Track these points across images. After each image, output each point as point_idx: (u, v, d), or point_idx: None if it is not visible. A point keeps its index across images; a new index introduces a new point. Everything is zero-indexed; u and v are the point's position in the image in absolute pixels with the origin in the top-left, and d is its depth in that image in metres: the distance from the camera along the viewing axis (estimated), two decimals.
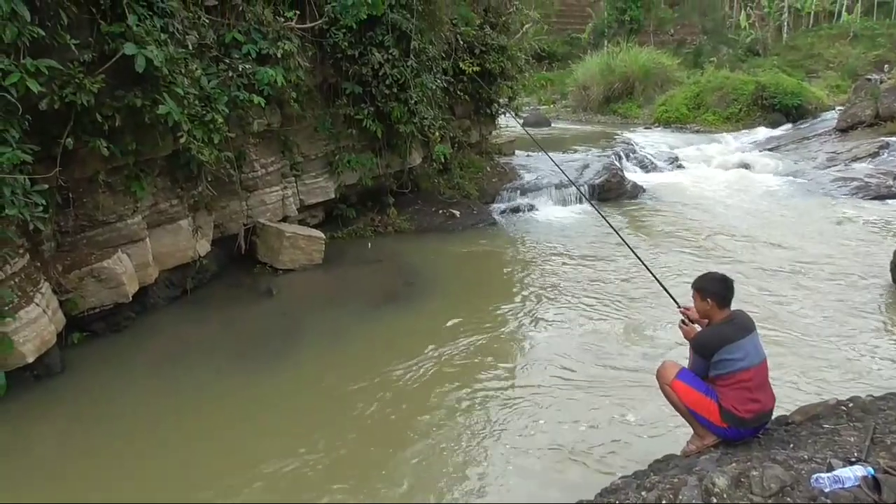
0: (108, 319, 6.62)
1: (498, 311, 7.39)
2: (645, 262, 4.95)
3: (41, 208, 5.30)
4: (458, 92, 11.92)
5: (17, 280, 5.47)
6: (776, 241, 10.15)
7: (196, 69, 6.61)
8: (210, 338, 6.83)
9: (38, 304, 5.54)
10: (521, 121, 19.73)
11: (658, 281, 4.62)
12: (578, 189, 12.12)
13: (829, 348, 6.32)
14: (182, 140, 6.42)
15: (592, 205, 6.20)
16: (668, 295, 4.44)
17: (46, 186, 5.47)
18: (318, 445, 4.82)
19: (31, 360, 5.36)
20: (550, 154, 15.23)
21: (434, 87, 10.25)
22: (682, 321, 4.19)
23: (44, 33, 5.15)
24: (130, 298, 6.60)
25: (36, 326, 5.43)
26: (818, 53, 33.79)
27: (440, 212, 11.21)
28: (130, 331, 6.79)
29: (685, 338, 4.14)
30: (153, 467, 4.66)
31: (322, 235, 9.07)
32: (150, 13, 5.99)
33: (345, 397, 5.51)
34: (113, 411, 5.40)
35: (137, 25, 5.74)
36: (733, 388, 3.77)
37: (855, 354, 6.19)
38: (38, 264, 5.96)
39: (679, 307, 4.28)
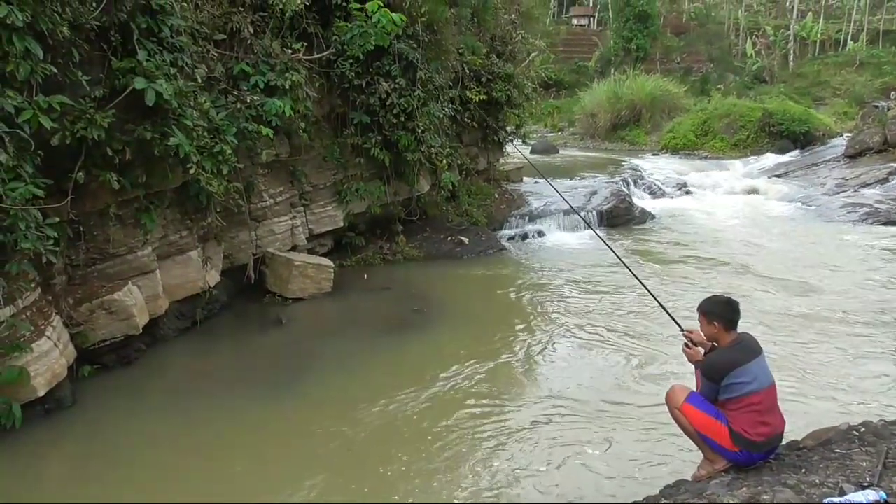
0: (118, 352, 6.62)
1: (506, 340, 7.36)
2: (648, 288, 4.93)
3: (53, 241, 5.36)
4: (466, 120, 12.05)
5: (29, 314, 5.50)
6: (785, 267, 10.10)
7: (205, 101, 6.72)
8: (220, 369, 6.83)
9: (49, 338, 5.55)
10: (529, 148, 19.91)
11: (661, 305, 4.59)
12: (580, 216, 12.11)
13: (840, 374, 6.24)
14: (191, 171, 6.50)
15: (596, 233, 6.24)
16: (672, 320, 4.42)
17: (58, 220, 5.54)
18: (328, 476, 4.78)
19: (42, 393, 5.35)
20: (555, 181, 15.33)
21: (441, 115, 10.36)
22: (686, 344, 4.17)
23: (56, 70, 5.26)
24: (141, 330, 6.61)
25: (47, 360, 5.43)
26: (825, 81, 34.02)
27: (449, 239, 11.24)
28: (141, 363, 6.78)
29: (689, 361, 4.12)
30: (164, 498, 4.63)
31: (331, 264, 9.11)
32: (160, 48, 6.11)
33: (354, 427, 5.46)
34: (124, 444, 5.36)
35: (147, 60, 5.86)
36: (743, 412, 3.73)
37: (867, 380, 6.10)
38: (50, 298, 6.00)
39: (682, 330, 4.26)
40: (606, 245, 5.34)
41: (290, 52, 8.22)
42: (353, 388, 6.24)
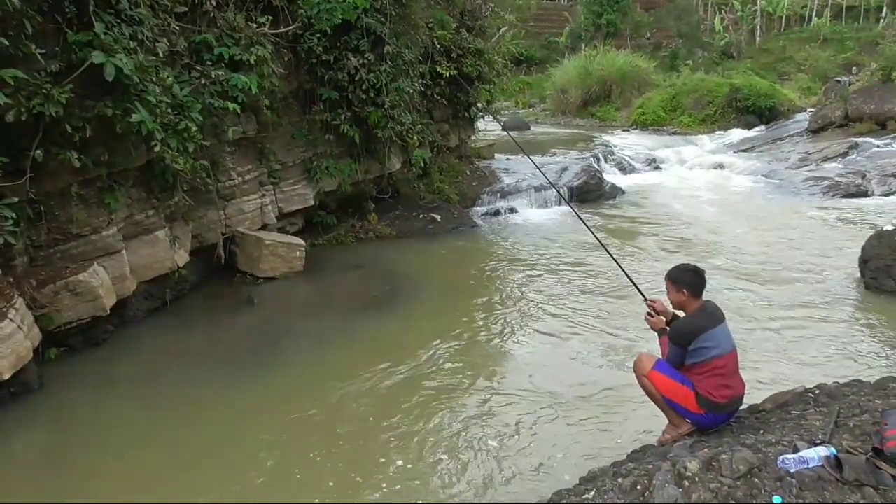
0: (85, 334, 6.52)
1: (479, 316, 7.42)
2: (616, 258, 5.02)
3: (12, 222, 5.27)
4: (436, 96, 11.98)
5: None
6: (749, 238, 10.32)
7: (167, 77, 6.58)
8: (191, 349, 6.78)
9: (12, 320, 5.44)
10: (501, 124, 19.87)
11: (627, 275, 4.68)
12: (559, 192, 12.22)
13: (799, 340, 6.45)
14: (156, 149, 6.37)
15: (571, 207, 6.29)
16: (637, 290, 4.50)
17: (17, 200, 5.43)
18: (302, 453, 4.79)
19: (6, 377, 5.24)
20: (526, 158, 15.38)
21: (411, 91, 10.29)
22: (649, 313, 4.26)
23: (7, 43, 5.11)
24: (108, 312, 6.50)
25: (11, 342, 5.32)
26: (790, 56, 34.43)
27: (421, 216, 11.24)
28: (109, 344, 6.70)
29: (652, 329, 4.24)
30: (135, 481, 4.60)
31: (302, 243, 9.05)
32: (118, 21, 5.95)
33: (326, 405, 5.48)
34: (93, 427, 5.31)
35: (105, 34, 5.69)
36: (708, 376, 3.86)
37: (824, 346, 6.31)
38: (11, 279, 5.86)
39: (646, 300, 4.34)
40: (580, 219, 5.40)
41: (254, 25, 8.06)
42: (324, 367, 6.24)
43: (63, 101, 5.47)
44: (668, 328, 4.20)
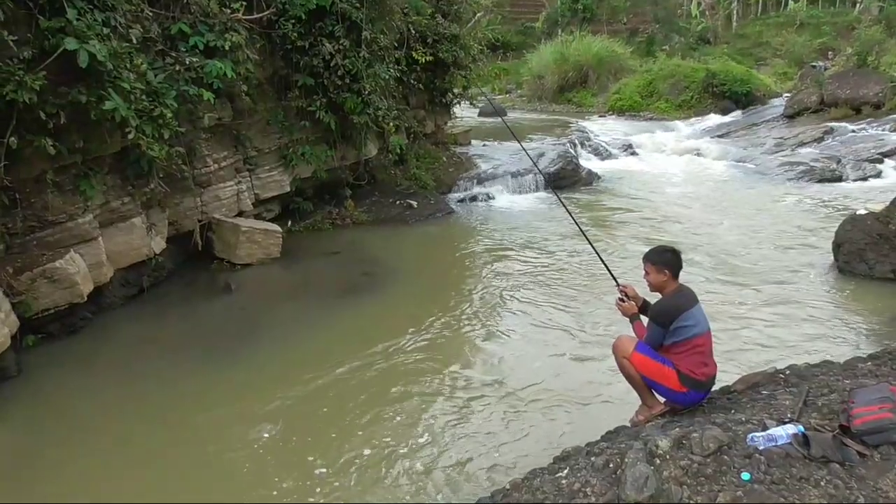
0: (63, 320, 6.51)
1: (455, 302, 7.48)
2: (592, 244, 5.09)
3: None
4: (412, 82, 11.97)
5: None
6: (724, 223, 10.50)
7: (141, 63, 6.51)
8: (169, 336, 6.77)
9: None
10: (477, 111, 19.88)
11: (602, 260, 4.75)
12: (545, 178, 12.26)
13: (772, 323, 6.60)
14: (131, 136, 6.33)
15: (555, 193, 6.39)
16: (610, 275, 4.58)
17: None
18: (275, 438, 4.84)
19: None
20: (503, 144, 15.41)
21: (387, 77, 10.26)
22: (620, 298, 4.34)
23: None
24: (85, 298, 6.49)
25: None
26: (766, 41, 34.67)
27: (397, 203, 11.26)
28: (87, 331, 6.69)
29: (623, 314, 4.31)
30: (113, 467, 4.63)
31: (279, 229, 9.04)
32: (91, 7, 5.88)
33: (303, 390, 5.53)
34: (72, 413, 5.34)
35: (78, 20, 5.63)
36: (689, 354, 3.96)
37: (796, 328, 6.48)
38: None
39: (618, 285, 4.42)
40: (563, 205, 5.46)
41: (228, 11, 7.98)
42: (301, 353, 6.28)
43: (36, 87, 5.42)
44: (639, 313, 4.30)
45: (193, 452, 4.73)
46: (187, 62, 7.33)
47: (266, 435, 4.85)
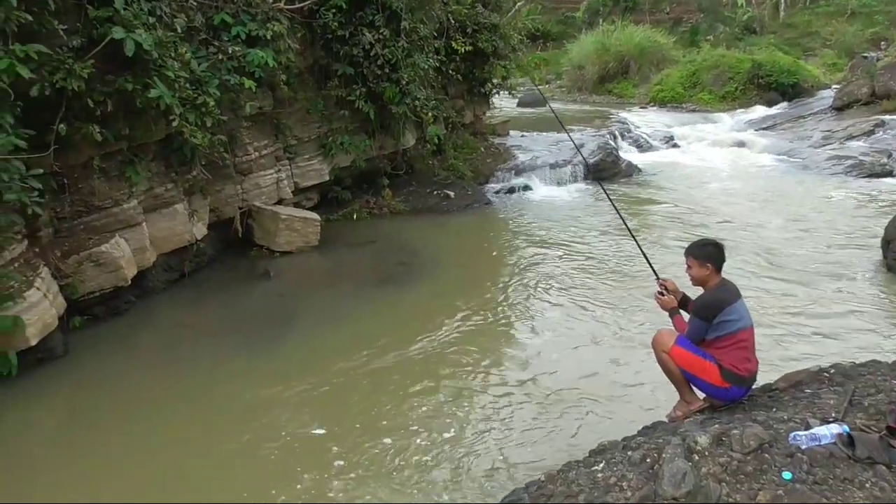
0: (108, 303, 6.69)
1: (491, 293, 7.46)
2: (635, 237, 5.01)
3: (38, 193, 5.40)
4: (451, 72, 11.94)
5: (16, 265, 5.53)
6: (769, 218, 10.23)
7: (186, 52, 6.64)
8: (208, 320, 6.91)
9: (38, 289, 5.59)
10: (516, 101, 19.75)
11: (643, 253, 4.67)
12: (590, 169, 12.06)
13: (817, 320, 6.43)
14: (174, 124, 6.46)
15: (601, 185, 6.29)
16: (650, 268, 4.50)
17: (41, 171, 5.53)
18: (314, 424, 4.91)
19: (34, 342, 5.42)
20: (542, 135, 15.26)
21: (426, 66, 10.26)
22: (660, 292, 4.27)
23: (31, 18, 5.17)
24: (129, 282, 6.66)
25: (37, 310, 5.48)
26: (815, 31, 33.62)
27: (434, 193, 11.26)
28: (130, 314, 6.86)
29: (663, 308, 4.24)
30: (153, 443, 4.75)
31: (317, 217, 9.13)
32: None
33: (339, 377, 5.59)
34: (116, 392, 5.49)
35: (125, 9, 5.76)
36: (732, 349, 3.88)
37: (842, 326, 6.29)
38: (37, 250, 6.02)
39: (658, 278, 4.35)
40: (607, 196, 5.39)
41: (270, 0, 8.07)
42: (336, 341, 6.34)
43: (85, 75, 5.56)
44: (678, 308, 4.23)
45: (224, 439, 4.81)
46: (230, 51, 7.44)
47: (296, 422, 4.92)
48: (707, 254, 4.03)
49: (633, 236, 5.00)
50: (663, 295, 4.25)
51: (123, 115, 6.25)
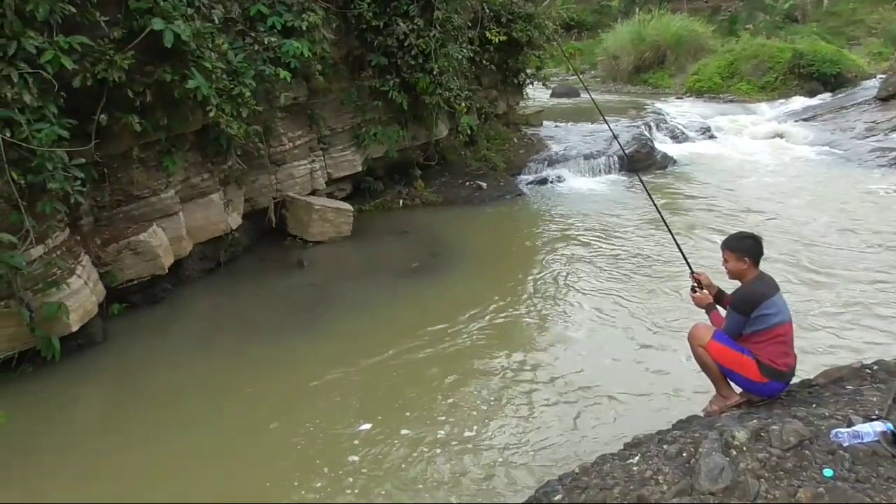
0: (145, 291, 6.83)
1: (522, 286, 7.42)
2: (671, 229, 4.92)
3: (80, 182, 5.53)
4: (485, 62, 11.86)
5: (58, 253, 5.67)
6: (809, 211, 9.98)
7: (222, 43, 6.71)
8: (244, 308, 7.01)
9: (79, 276, 5.74)
10: (549, 91, 19.57)
11: (678, 246, 4.57)
12: (628, 160, 11.89)
13: (859, 316, 6.26)
14: (211, 114, 6.54)
15: (639, 177, 6.20)
16: (686, 262, 4.42)
17: (83, 161, 5.66)
18: (349, 412, 4.96)
19: (75, 328, 5.57)
20: (576, 125, 15.10)
21: (460, 57, 10.22)
22: (693, 287, 4.20)
23: (74, 10, 5.28)
24: (166, 271, 6.79)
25: (79, 297, 5.63)
26: (860, 19, 32.57)
27: (467, 184, 11.23)
28: (167, 302, 6.99)
29: (698, 306, 4.17)
30: (191, 426, 4.88)
31: (350, 208, 9.19)
32: None
33: (372, 366, 5.63)
34: (154, 377, 5.62)
35: (164, 1, 5.83)
36: (770, 343, 3.81)
37: (885, 323, 6.11)
38: (78, 238, 6.17)
39: (692, 272, 4.27)
40: (644, 188, 5.29)
41: None
42: (368, 331, 6.38)
43: (125, 66, 5.67)
44: (714, 304, 4.15)
45: (257, 424, 4.88)
46: (266, 42, 7.50)
47: (328, 412, 4.97)
48: (745, 247, 3.95)
49: (668, 229, 4.92)
50: (697, 291, 4.18)
51: (162, 105, 6.34)
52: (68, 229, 5.96)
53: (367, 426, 4.72)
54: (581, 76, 21.68)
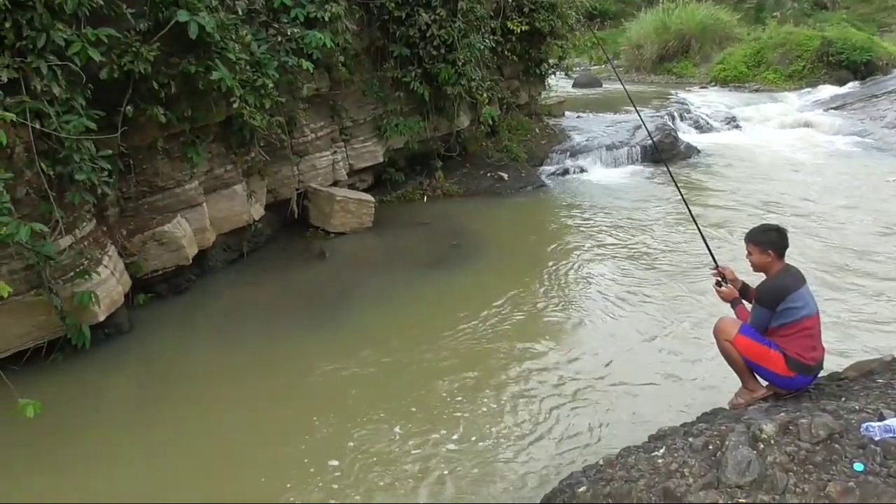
0: (170, 281, 6.90)
1: (544, 277, 7.38)
2: (697, 222, 4.84)
3: (107, 173, 5.59)
4: (507, 52, 11.78)
5: (86, 243, 5.75)
6: (838, 203, 9.81)
7: (246, 35, 6.73)
8: (267, 299, 7.05)
9: (106, 267, 5.81)
10: (572, 81, 19.41)
11: (704, 239, 4.49)
12: (656, 148, 11.83)
13: (886, 308, 6.17)
14: (235, 106, 6.57)
15: (666, 167, 6.17)
16: (710, 256, 4.36)
17: (110, 153, 5.73)
18: (372, 403, 4.98)
19: (102, 318, 5.65)
20: (598, 115, 14.96)
21: (482, 47, 10.17)
22: (718, 282, 4.14)
23: (102, 2, 5.33)
24: (191, 261, 6.86)
25: (106, 287, 5.71)
26: (892, 6, 31.79)
27: (488, 175, 11.18)
28: (192, 292, 7.06)
29: (724, 300, 4.12)
30: (215, 413, 4.95)
31: (372, 199, 9.20)
32: None
33: (395, 358, 5.64)
34: (178, 364, 5.71)
35: None
36: (797, 337, 3.76)
37: None
38: (104, 229, 6.25)
39: (716, 266, 4.21)
40: (673, 181, 5.24)
41: None
42: (389, 322, 6.40)
43: (151, 58, 5.70)
44: (740, 298, 4.10)
45: (278, 415, 4.94)
46: (288, 33, 7.51)
47: (350, 402, 5.02)
48: (769, 240, 3.89)
49: (695, 222, 4.83)
50: (721, 286, 4.12)
51: (186, 97, 6.37)
52: (95, 220, 6.03)
53: (396, 429, 4.72)
54: (611, 65, 21.49)
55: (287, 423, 4.79)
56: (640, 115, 6.94)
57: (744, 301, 4.09)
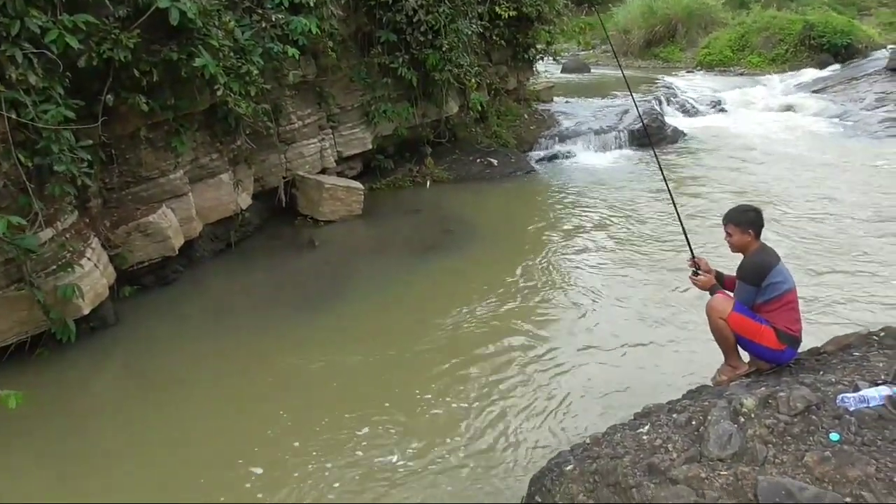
0: (156, 273, 6.84)
1: (534, 261, 7.42)
2: (678, 210, 4.85)
3: (87, 164, 5.52)
4: (495, 37, 11.74)
5: (68, 235, 5.65)
6: (819, 183, 9.92)
7: (229, 21, 6.66)
8: (256, 289, 7.03)
9: (89, 259, 5.73)
10: (560, 67, 19.36)
11: (683, 228, 4.50)
12: (647, 134, 11.82)
13: (867, 285, 6.25)
14: (219, 93, 6.51)
15: (654, 150, 6.21)
16: (688, 246, 4.38)
17: (90, 143, 5.66)
18: (362, 390, 5.01)
19: (86, 311, 5.57)
20: (586, 100, 14.96)
21: (469, 32, 10.13)
22: (694, 272, 4.18)
23: None
24: (177, 252, 6.78)
25: (90, 279, 5.63)
26: None
27: (478, 161, 11.18)
28: (178, 283, 7.02)
29: (702, 289, 4.15)
30: (203, 406, 4.94)
31: (361, 186, 9.18)
32: None
33: (388, 345, 5.66)
34: (165, 357, 5.67)
35: None
36: (783, 310, 3.85)
37: (891, 291, 6.08)
38: (87, 220, 6.16)
39: (693, 257, 4.23)
40: (659, 167, 5.26)
41: None
42: (380, 310, 6.42)
43: (131, 46, 5.61)
44: (717, 284, 4.13)
45: (267, 404, 4.94)
46: (273, 19, 7.44)
47: (338, 392, 5.03)
48: (749, 220, 3.95)
49: (676, 211, 4.81)
50: (697, 275, 4.16)
51: (169, 85, 6.30)
52: (77, 212, 5.94)
53: (391, 420, 4.74)
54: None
55: (278, 417, 4.75)
56: (633, 99, 6.96)
57: (722, 288, 4.11)
